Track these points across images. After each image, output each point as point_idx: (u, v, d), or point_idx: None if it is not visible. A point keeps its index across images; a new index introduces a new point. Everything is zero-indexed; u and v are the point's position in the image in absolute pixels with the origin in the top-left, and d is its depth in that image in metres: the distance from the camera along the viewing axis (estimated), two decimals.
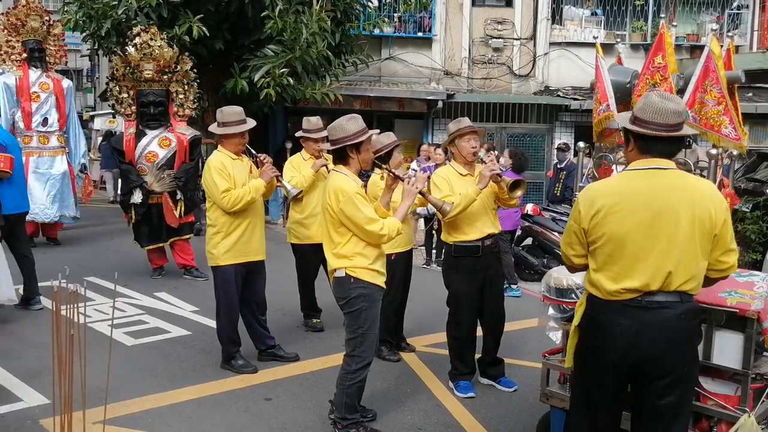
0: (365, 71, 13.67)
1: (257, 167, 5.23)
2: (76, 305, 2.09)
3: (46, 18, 9.80)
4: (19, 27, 9.55)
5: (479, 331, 4.97)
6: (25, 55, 9.55)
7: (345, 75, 12.78)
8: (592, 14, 15.21)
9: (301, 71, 10.73)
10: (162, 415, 4.38)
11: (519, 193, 4.75)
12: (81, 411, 2.60)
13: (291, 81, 10.57)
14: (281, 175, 5.43)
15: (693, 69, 4.42)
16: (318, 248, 4.39)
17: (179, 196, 7.88)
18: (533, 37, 14.84)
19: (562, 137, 14.32)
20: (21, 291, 6.52)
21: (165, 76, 8.03)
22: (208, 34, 10.33)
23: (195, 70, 8.41)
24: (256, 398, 4.69)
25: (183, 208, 7.88)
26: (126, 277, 7.69)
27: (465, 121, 4.86)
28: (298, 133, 6.20)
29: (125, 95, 7.99)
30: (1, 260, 5.88)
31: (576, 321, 2.97)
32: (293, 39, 10.39)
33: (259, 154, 5.24)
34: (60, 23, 10.26)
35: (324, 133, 5.66)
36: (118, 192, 11.64)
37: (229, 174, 4.93)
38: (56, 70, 10.10)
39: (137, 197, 7.83)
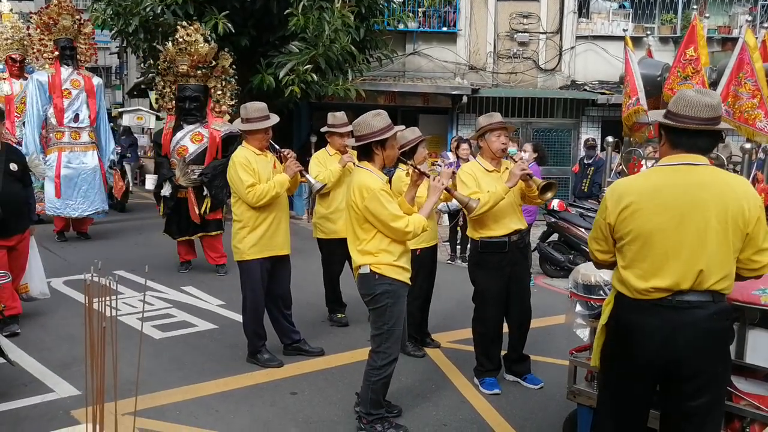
0: (390, 66, 13.65)
1: (281, 162, 5.24)
2: (108, 298, 2.12)
3: (77, 17, 9.91)
4: (51, 26, 9.67)
5: (505, 328, 4.95)
6: (56, 53, 9.68)
7: (369, 70, 12.77)
8: (620, 7, 15.00)
9: (325, 67, 10.74)
10: (189, 408, 4.42)
11: (549, 195, 4.71)
12: (112, 402, 2.64)
13: (315, 78, 10.59)
14: (305, 170, 5.44)
15: (726, 61, 4.34)
16: (344, 243, 4.40)
17: (205, 192, 7.88)
18: (559, 30, 14.68)
19: (589, 132, 14.19)
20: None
21: (200, 71, 8.03)
22: (233, 31, 10.39)
23: (234, 67, 8.43)
24: (281, 392, 4.72)
25: (209, 205, 7.87)
26: (153, 271, 7.76)
27: (496, 117, 4.81)
28: (324, 129, 6.21)
29: (167, 89, 8.08)
30: (35, 256, 5.99)
31: (603, 320, 2.92)
32: (316, 35, 10.41)
33: (282, 150, 5.26)
34: (90, 22, 10.38)
35: (349, 128, 5.65)
36: (132, 183, 12.23)
37: (253, 169, 4.95)
38: (86, 68, 10.23)
39: (166, 190, 7.92)
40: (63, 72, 9.67)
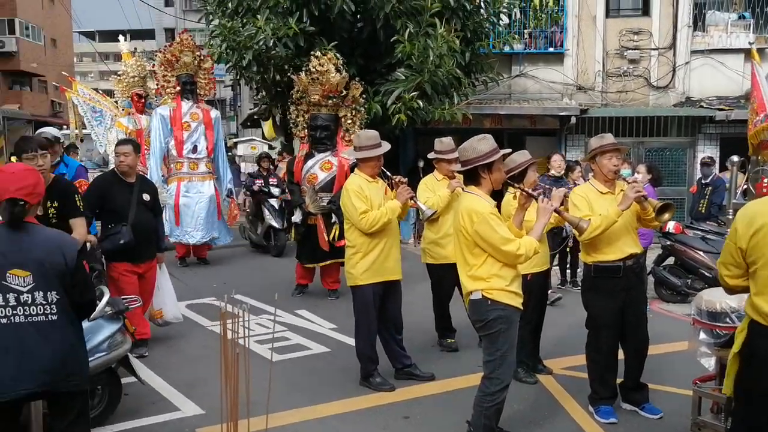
0: (495, 89, 13.60)
1: (392, 189, 5.35)
2: (240, 325, 2.26)
3: (198, 53, 10.56)
4: (173, 62, 10.35)
5: (621, 354, 4.79)
6: (178, 88, 10.33)
7: (474, 94, 12.78)
8: (740, 18, 14.26)
9: (431, 92, 10.85)
10: (307, 429, 4.56)
11: (667, 216, 4.56)
12: (237, 421, 2.78)
13: (421, 104, 10.72)
14: (415, 196, 5.53)
15: None
16: (453, 268, 4.42)
17: (334, 219, 7.95)
18: (672, 46, 14.15)
19: (706, 150, 13.54)
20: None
21: (331, 101, 8.20)
22: (342, 61, 10.71)
23: (364, 96, 8.63)
24: (394, 416, 4.77)
25: (337, 232, 7.82)
26: (268, 295, 8.00)
27: (608, 138, 4.73)
28: (431, 155, 6.28)
29: (300, 118, 8.38)
30: (167, 282, 6.34)
31: (736, 348, 2.80)
32: (421, 62, 10.56)
33: (393, 176, 5.37)
34: (210, 58, 10.99)
35: (456, 154, 5.69)
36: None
37: (366, 196, 5.08)
38: (204, 101, 10.83)
39: (297, 217, 8.22)
40: (183, 106, 10.29)
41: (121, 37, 13.49)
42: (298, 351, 6.20)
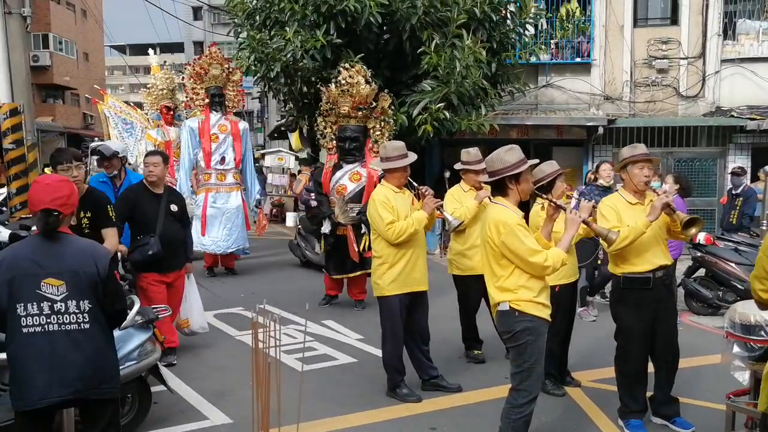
0: (522, 100, 13.57)
1: (418, 199, 5.36)
2: (271, 336, 2.28)
3: (226, 66, 10.67)
4: (202, 75, 10.47)
5: (650, 367, 4.73)
6: (207, 100, 10.45)
7: (501, 105, 12.76)
8: None
9: (457, 103, 10.86)
10: None
11: (694, 230, 4.50)
12: (268, 430, 2.79)
13: (447, 115, 10.73)
14: (442, 206, 5.52)
15: None
16: (480, 279, 4.40)
17: (363, 230, 8.00)
18: (702, 55, 14.00)
19: (737, 161, 13.33)
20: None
21: (360, 112, 8.26)
22: (369, 73, 10.77)
23: (392, 107, 8.65)
24: (421, 427, 4.76)
25: (367, 242, 7.87)
26: (296, 305, 8.03)
27: (640, 148, 4.68)
28: (458, 165, 6.27)
29: (328, 130, 8.45)
30: (194, 292, 6.40)
31: None
32: (447, 73, 10.58)
33: (420, 186, 5.37)
34: (239, 71, 11.11)
35: (483, 165, 5.68)
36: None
37: (392, 207, 5.10)
38: (233, 113, 10.94)
39: (326, 227, 8.25)
40: (212, 117, 10.39)
41: (150, 51, 13.72)
42: (325, 361, 6.22)
